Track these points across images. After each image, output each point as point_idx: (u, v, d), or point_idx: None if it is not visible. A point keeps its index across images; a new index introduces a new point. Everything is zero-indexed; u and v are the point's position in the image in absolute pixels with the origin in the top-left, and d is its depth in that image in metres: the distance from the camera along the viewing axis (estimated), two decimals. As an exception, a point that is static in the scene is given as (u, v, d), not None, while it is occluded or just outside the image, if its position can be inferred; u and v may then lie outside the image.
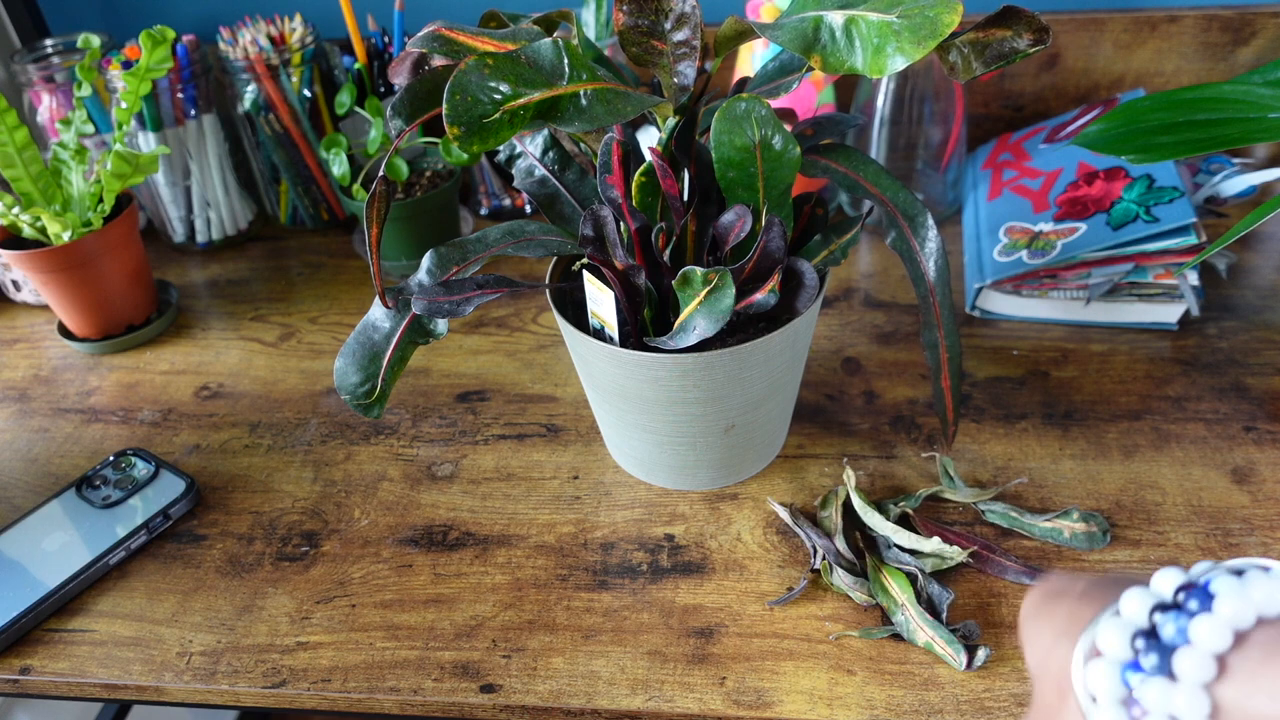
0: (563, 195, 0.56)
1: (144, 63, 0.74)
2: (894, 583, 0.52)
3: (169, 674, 0.53)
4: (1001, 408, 0.65)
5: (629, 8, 0.46)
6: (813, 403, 0.67)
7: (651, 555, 0.57)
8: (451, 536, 0.60)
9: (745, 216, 0.49)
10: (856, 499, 0.57)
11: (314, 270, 0.90)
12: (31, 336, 0.84)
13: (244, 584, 0.58)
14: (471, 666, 0.52)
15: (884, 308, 0.77)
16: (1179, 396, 0.65)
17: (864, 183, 0.54)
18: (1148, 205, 0.69)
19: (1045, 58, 0.91)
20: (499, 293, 0.50)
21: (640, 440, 0.58)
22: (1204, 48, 0.88)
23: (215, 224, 0.93)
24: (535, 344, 0.76)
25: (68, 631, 0.56)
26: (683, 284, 0.48)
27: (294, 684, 0.52)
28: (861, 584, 0.53)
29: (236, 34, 0.87)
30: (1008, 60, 0.42)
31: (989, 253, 0.75)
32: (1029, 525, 0.56)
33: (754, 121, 0.48)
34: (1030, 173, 0.81)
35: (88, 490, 0.64)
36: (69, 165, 0.78)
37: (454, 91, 0.37)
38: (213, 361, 0.78)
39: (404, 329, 0.51)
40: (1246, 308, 0.72)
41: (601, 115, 0.41)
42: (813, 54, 0.40)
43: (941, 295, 0.54)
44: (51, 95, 0.88)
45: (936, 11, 0.38)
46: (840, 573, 0.53)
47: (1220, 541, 0.55)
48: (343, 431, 0.69)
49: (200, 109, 0.88)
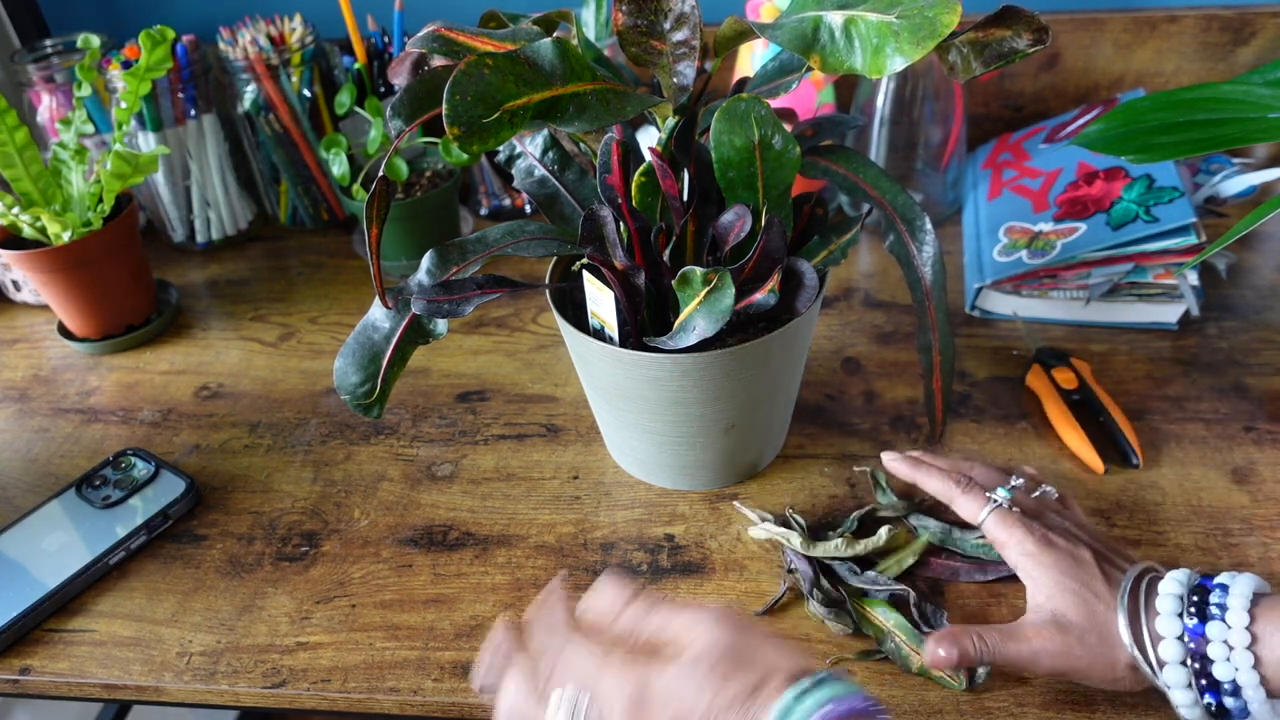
0: (563, 195, 0.56)
1: (144, 63, 0.74)
2: (876, 612, 0.51)
3: (169, 674, 0.53)
4: (1001, 408, 0.65)
5: (628, 8, 0.46)
6: (813, 403, 0.67)
7: (651, 555, 0.57)
8: (451, 536, 0.60)
9: (745, 216, 0.49)
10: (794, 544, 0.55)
11: (314, 270, 0.90)
12: (31, 336, 0.84)
13: (244, 584, 0.58)
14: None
15: (884, 308, 0.77)
16: (1179, 396, 0.65)
17: (864, 185, 0.54)
18: (1148, 205, 0.69)
19: (1045, 58, 0.91)
20: (499, 293, 0.50)
21: (640, 440, 0.58)
22: (1204, 48, 0.88)
23: (215, 224, 0.94)
24: (535, 344, 0.76)
25: (68, 631, 0.56)
26: (683, 284, 0.48)
27: (294, 684, 0.52)
28: (837, 614, 0.51)
29: (236, 34, 0.87)
30: (1007, 60, 0.41)
31: (989, 253, 0.75)
32: (959, 540, 0.55)
33: (754, 121, 0.48)
34: (1030, 173, 0.81)
35: (88, 490, 0.64)
36: (69, 165, 0.78)
37: (454, 91, 0.37)
38: (213, 361, 0.78)
39: (404, 329, 0.51)
40: (1246, 308, 0.72)
41: (601, 115, 0.41)
42: (812, 54, 0.40)
43: (937, 299, 0.54)
44: (51, 95, 0.88)
45: (936, 12, 0.38)
46: (814, 603, 0.52)
47: (1220, 541, 0.55)
48: (343, 431, 0.69)
49: (200, 109, 0.88)
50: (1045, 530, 0.48)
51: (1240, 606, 0.41)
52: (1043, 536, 0.47)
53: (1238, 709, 0.41)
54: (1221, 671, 0.41)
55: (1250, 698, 0.40)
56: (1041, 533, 0.47)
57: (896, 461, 0.54)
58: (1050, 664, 0.44)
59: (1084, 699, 0.47)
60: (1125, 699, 0.47)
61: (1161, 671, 0.42)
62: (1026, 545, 0.47)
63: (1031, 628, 0.45)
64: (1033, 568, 0.46)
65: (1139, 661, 0.43)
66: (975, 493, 0.50)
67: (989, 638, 0.44)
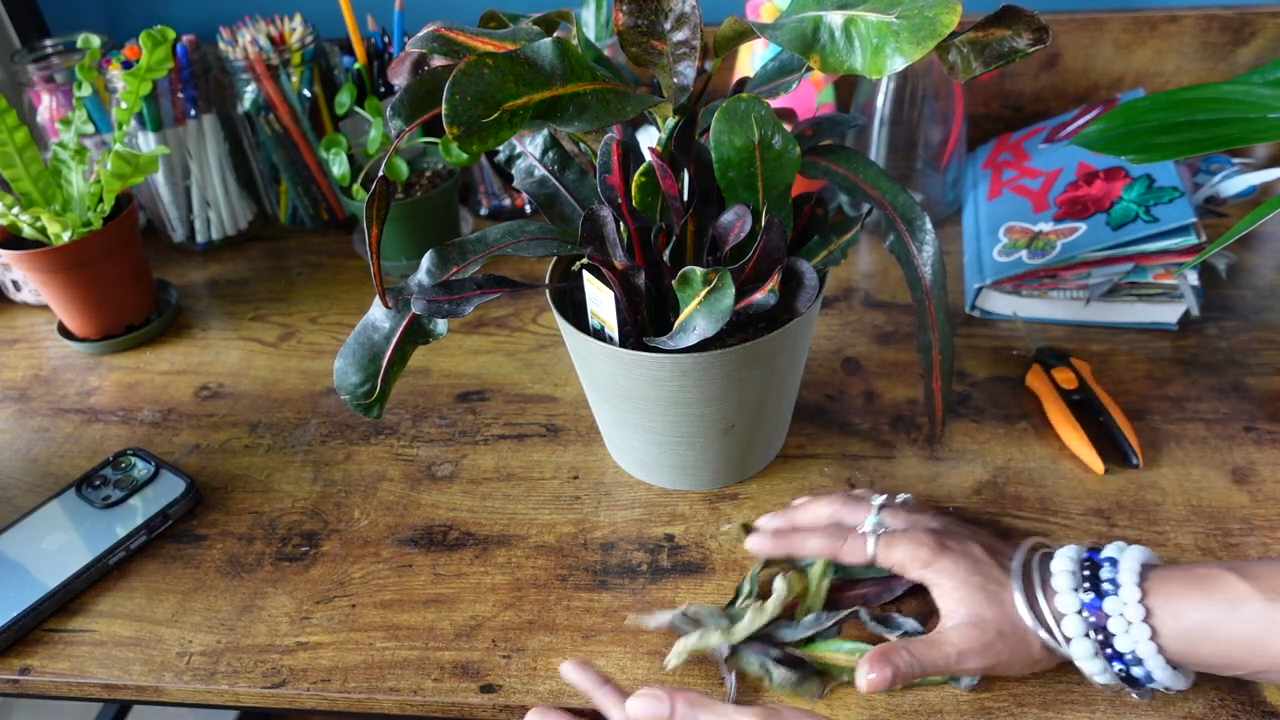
0: (563, 195, 0.56)
1: (144, 63, 0.74)
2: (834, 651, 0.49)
3: (169, 674, 0.53)
4: (1001, 408, 0.65)
5: (629, 8, 0.46)
6: (813, 403, 0.67)
7: (651, 555, 0.57)
8: (451, 536, 0.60)
9: (745, 216, 0.49)
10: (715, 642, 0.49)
11: (314, 270, 0.90)
12: (31, 336, 0.84)
13: (244, 584, 0.58)
14: (471, 666, 0.52)
15: (884, 308, 0.77)
16: (1179, 396, 0.65)
17: (864, 185, 0.54)
18: (1148, 205, 0.69)
19: (1045, 58, 0.91)
20: (499, 293, 0.50)
21: (640, 440, 0.58)
22: (1204, 48, 0.88)
23: (215, 224, 0.93)
24: (535, 344, 0.76)
25: (68, 631, 0.56)
26: (683, 284, 0.48)
27: (294, 684, 0.52)
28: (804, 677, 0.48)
29: (236, 34, 0.87)
30: (1007, 60, 0.41)
31: (989, 253, 0.75)
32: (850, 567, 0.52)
33: (754, 121, 0.48)
34: (1030, 173, 0.81)
35: (88, 490, 0.64)
36: (69, 165, 0.78)
37: (454, 91, 0.37)
38: (213, 361, 0.78)
39: (404, 329, 0.51)
40: (1246, 308, 0.72)
41: (601, 115, 0.41)
42: (812, 54, 0.40)
43: (937, 299, 0.54)
44: (51, 95, 0.88)
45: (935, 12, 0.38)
46: (777, 680, 0.48)
47: (1220, 541, 0.55)
48: (343, 431, 0.69)
49: (200, 109, 0.88)
50: (932, 538, 0.49)
51: (1131, 581, 0.44)
52: (933, 545, 0.48)
53: (1144, 676, 0.44)
54: (1123, 644, 0.43)
55: (1153, 666, 0.43)
56: (930, 541, 0.48)
57: (762, 542, 0.53)
58: (977, 663, 0.45)
59: (1083, 699, 0.47)
60: (1125, 700, 0.47)
61: (1069, 645, 0.45)
62: (921, 557, 0.48)
63: (952, 631, 0.46)
64: (935, 577, 0.48)
65: (1045, 638, 0.45)
66: (852, 537, 0.51)
67: (915, 650, 0.46)
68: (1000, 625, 0.45)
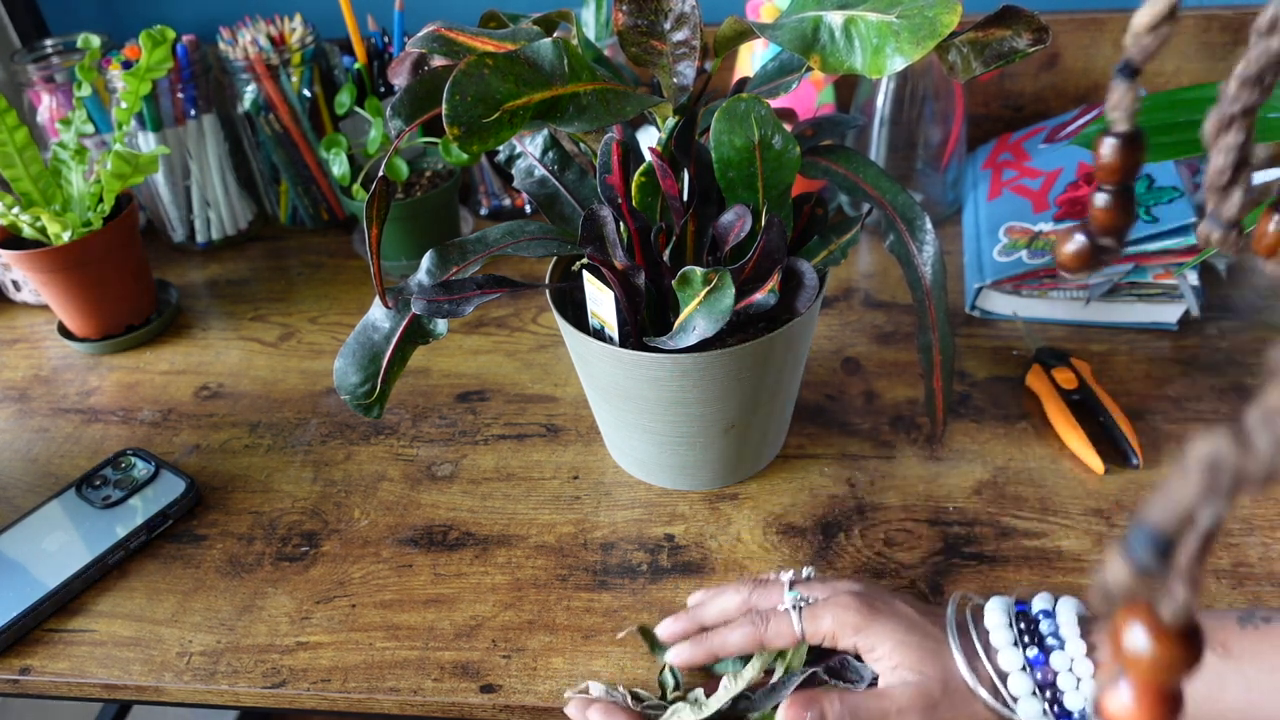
0: (563, 195, 0.56)
1: (144, 63, 0.74)
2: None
3: (169, 674, 0.53)
4: (1001, 408, 0.65)
5: (629, 8, 0.46)
6: (813, 403, 0.67)
7: (651, 555, 0.57)
8: (451, 536, 0.60)
9: (745, 216, 0.49)
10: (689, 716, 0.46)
11: (314, 270, 0.90)
12: (31, 336, 0.84)
13: (244, 584, 0.58)
14: (471, 666, 0.52)
15: (884, 308, 0.77)
16: (1179, 396, 0.65)
17: (864, 185, 0.54)
18: (1148, 205, 0.69)
19: (1045, 58, 0.91)
20: (499, 293, 0.50)
21: (640, 440, 0.58)
22: (1204, 48, 0.88)
23: (215, 224, 0.94)
24: (535, 344, 0.76)
25: (68, 631, 0.56)
26: (683, 284, 0.48)
27: (294, 684, 0.52)
28: None
29: (236, 34, 0.87)
30: (1007, 60, 0.42)
31: (989, 253, 0.75)
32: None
33: (754, 121, 0.48)
34: (1030, 173, 0.81)
35: (88, 490, 0.64)
36: (69, 165, 0.78)
37: (454, 91, 0.37)
38: (213, 361, 0.78)
39: (404, 329, 0.51)
40: (1246, 308, 0.72)
41: (601, 115, 0.41)
42: (812, 54, 0.40)
43: (937, 299, 0.54)
44: (51, 95, 0.88)
45: (935, 12, 0.38)
46: None
47: (1220, 542, 0.55)
48: (343, 431, 0.69)
49: (200, 109, 0.88)
50: (858, 600, 0.45)
51: (1074, 634, 0.42)
52: (861, 608, 0.45)
53: None
54: (1073, 701, 0.41)
55: None
56: (857, 605, 0.45)
57: (682, 651, 0.48)
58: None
59: (1084, 699, 0.47)
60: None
61: (1016, 705, 0.42)
62: (851, 622, 0.44)
63: (896, 688, 0.43)
64: (870, 641, 0.44)
65: (987, 699, 0.42)
66: (774, 618, 0.46)
67: (850, 699, 0.42)
68: (946, 683, 0.43)
